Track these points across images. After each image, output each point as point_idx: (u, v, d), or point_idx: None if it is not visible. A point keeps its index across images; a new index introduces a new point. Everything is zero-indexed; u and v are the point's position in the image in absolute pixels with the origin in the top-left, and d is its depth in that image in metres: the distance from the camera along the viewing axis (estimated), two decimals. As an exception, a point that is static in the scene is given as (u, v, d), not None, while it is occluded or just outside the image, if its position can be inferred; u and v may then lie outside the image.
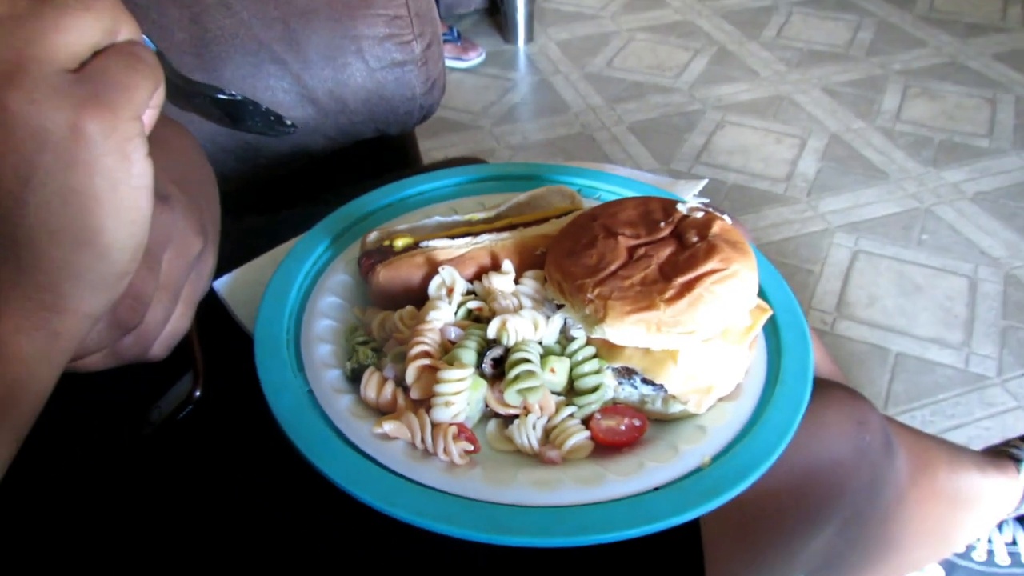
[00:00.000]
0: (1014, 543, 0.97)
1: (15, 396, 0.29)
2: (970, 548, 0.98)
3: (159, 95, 0.32)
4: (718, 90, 2.26)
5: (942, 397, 1.37)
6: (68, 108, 0.28)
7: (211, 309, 0.60)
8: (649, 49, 2.49)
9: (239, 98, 0.37)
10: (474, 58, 2.40)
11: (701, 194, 0.73)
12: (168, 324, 0.39)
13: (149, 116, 0.33)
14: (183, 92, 0.35)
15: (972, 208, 1.78)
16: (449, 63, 2.40)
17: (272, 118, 0.38)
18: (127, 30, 0.31)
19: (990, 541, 0.98)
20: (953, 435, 1.30)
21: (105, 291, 0.31)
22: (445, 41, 2.39)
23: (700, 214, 0.51)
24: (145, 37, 0.34)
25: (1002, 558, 0.97)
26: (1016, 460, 0.91)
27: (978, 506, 0.79)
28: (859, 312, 1.53)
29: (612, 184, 0.68)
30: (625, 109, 2.18)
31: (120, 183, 0.29)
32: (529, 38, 2.53)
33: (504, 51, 2.52)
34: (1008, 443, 0.96)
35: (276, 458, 0.47)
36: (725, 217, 0.52)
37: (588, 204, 0.60)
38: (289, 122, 0.39)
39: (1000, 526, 0.98)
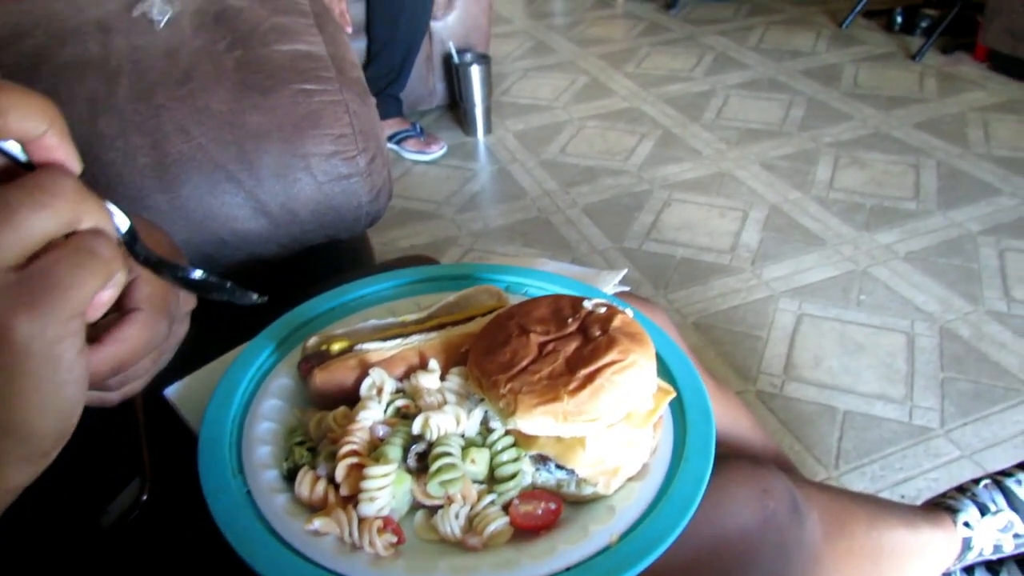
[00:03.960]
0: (961, 595, 0.97)
1: None
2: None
3: (118, 279, 0.31)
4: (664, 170, 2.35)
5: (890, 451, 1.39)
6: (0, 308, 0.27)
7: (162, 415, 0.62)
8: (599, 135, 2.60)
9: (210, 279, 0.39)
10: (436, 151, 2.48)
11: (622, 282, 0.77)
12: (127, 387, 0.40)
13: (107, 295, 0.31)
14: (154, 270, 0.36)
15: (905, 267, 1.84)
16: (413, 156, 2.49)
17: (238, 293, 0.40)
18: (90, 218, 0.30)
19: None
20: (903, 488, 1.32)
21: (28, 467, 0.30)
22: (408, 137, 2.48)
23: (603, 309, 0.55)
24: (116, 213, 0.33)
25: (949, 611, 0.97)
26: (953, 511, 0.93)
27: (909, 561, 0.80)
28: (806, 373, 1.57)
29: (537, 280, 0.72)
30: (579, 192, 2.26)
31: (45, 381, 0.28)
32: (487, 130, 2.62)
33: (465, 143, 2.61)
34: (945, 495, 0.97)
35: (221, 560, 0.49)
36: (627, 310, 0.56)
37: (515, 299, 0.63)
38: (255, 296, 0.41)
39: (946, 578, 0.98)
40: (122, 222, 0.34)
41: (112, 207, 0.33)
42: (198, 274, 0.38)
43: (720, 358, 1.61)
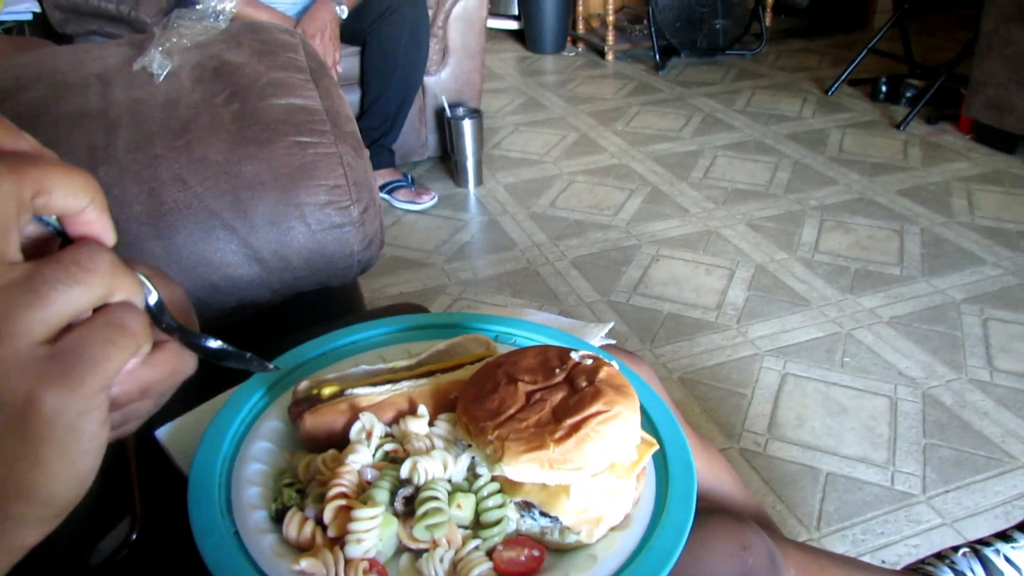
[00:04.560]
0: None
1: None
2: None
3: (144, 351, 0.32)
4: (652, 226, 2.41)
5: (871, 515, 1.41)
6: (30, 381, 0.27)
7: (152, 456, 0.63)
8: (588, 190, 2.66)
9: (228, 349, 0.41)
10: (427, 201, 2.54)
11: (609, 335, 0.80)
12: (125, 427, 0.42)
13: (132, 365, 0.32)
14: (180, 339, 0.38)
15: (889, 332, 1.89)
16: (404, 206, 2.54)
17: (255, 363, 0.43)
18: (122, 292, 0.30)
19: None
20: (883, 553, 1.34)
21: (41, 528, 0.31)
22: (400, 187, 2.54)
23: (590, 361, 0.58)
24: (145, 282, 0.34)
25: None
26: (930, 577, 0.95)
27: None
28: (789, 433, 1.59)
29: (526, 330, 0.74)
30: (567, 245, 2.31)
31: (67, 452, 0.29)
32: (478, 182, 2.69)
33: (455, 194, 2.66)
34: (924, 561, 0.99)
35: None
36: (614, 363, 0.59)
37: (504, 349, 0.66)
38: (271, 365, 0.44)
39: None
40: (151, 294, 0.35)
41: (143, 278, 0.34)
42: (217, 343, 0.40)
43: (705, 414, 1.64)
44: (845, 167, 2.77)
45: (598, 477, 0.54)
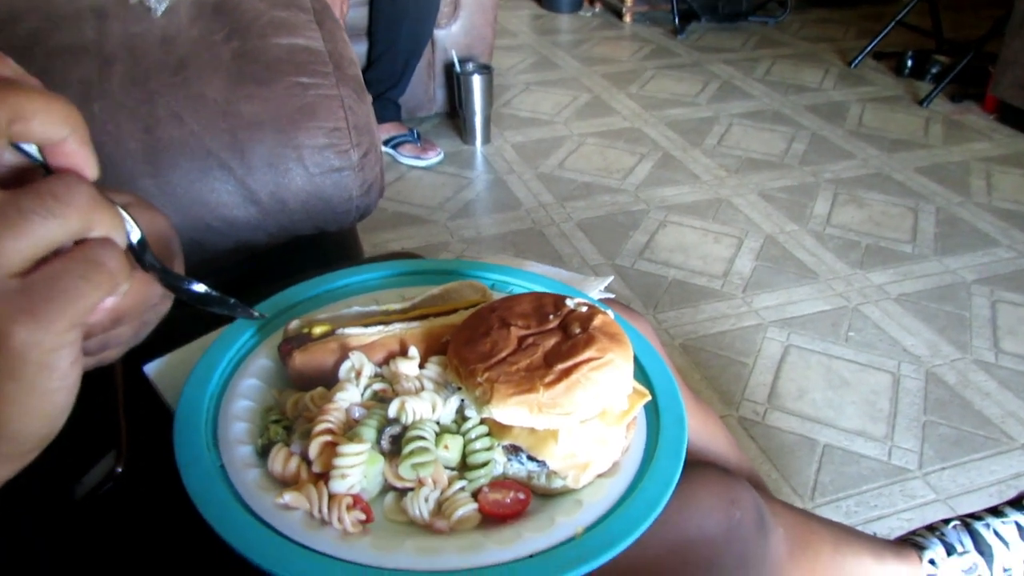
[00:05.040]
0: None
1: None
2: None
3: (123, 290, 0.31)
4: (662, 192, 2.40)
5: (866, 488, 1.42)
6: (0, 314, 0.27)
7: (140, 392, 0.64)
8: (598, 153, 2.64)
9: (212, 294, 0.41)
10: (432, 157, 2.52)
11: (608, 289, 0.80)
12: (105, 354, 0.42)
13: (109, 303, 0.32)
14: (163, 282, 0.37)
15: (896, 308, 1.88)
16: (409, 161, 2.52)
17: (240, 309, 0.43)
18: (101, 227, 0.30)
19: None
20: (875, 526, 1.35)
21: (9, 465, 0.31)
22: (405, 142, 2.52)
23: (585, 309, 0.58)
24: (128, 221, 0.34)
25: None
26: (920, 548, 0.96)
27: (871, 591, 0.83)
28: (789, 404, 1.60)
29: (523, 280, 0.74)
30: (574, 207, 2.30)
31: (37, 388, 0.28)
32: (486, 140, 2.67)
33: (462, 151, 2.65)
34: (914, 532, 1.00)
35: (193, 532, 0.51)
36: (609, 312, 0.59)
37: (500, 297, 0.66)
38: (256, 312, 0.43)
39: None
40: (133, 231, 0.35)
41: (125, 215, 0.34)
42: (201, 288, 0.39)
43: (705, 381, 1.64)
44: (864, 141, 2.74)
45: (587, 424, 0.54)
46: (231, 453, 0.54)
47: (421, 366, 0.59)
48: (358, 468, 0.50)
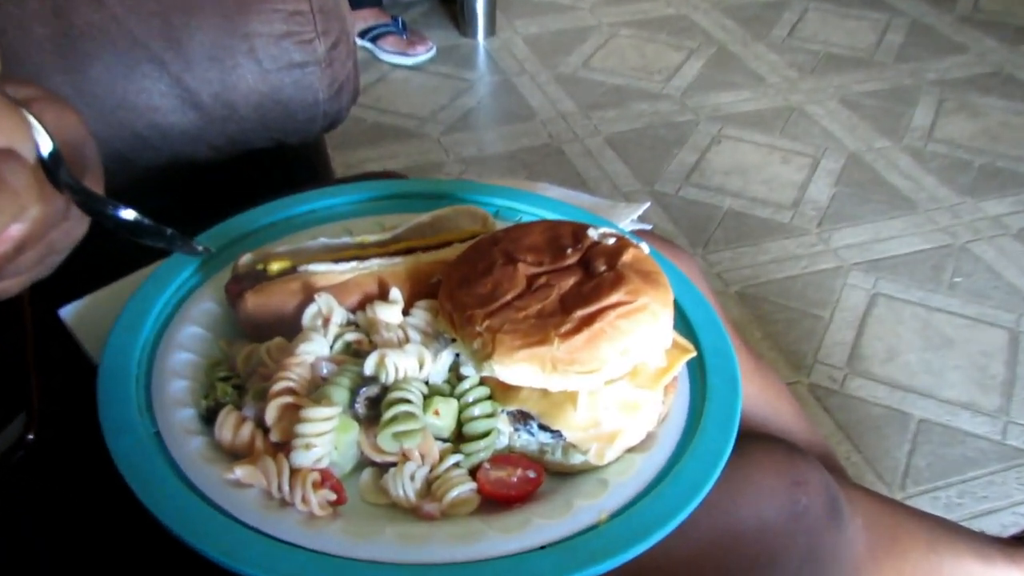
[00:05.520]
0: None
1: None
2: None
3: (32, 214, 0.32)
4: (715, 98, 2.37)
5: (972, 475, 1.43)
6: None
7: (55, 340, 0.65)
8: (634, 48, 2.61)
9: (144, 222, 0.41)
10: (422, 53, 2.50)
11: (643, 219, 0.79)
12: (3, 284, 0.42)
13: (16, 231, 0.33)
14: (82, 205, 0.38)
15: (1016, 247, 1.87)
16: (392, 59, 2.50)
17: (178, 242, 0.43)
18: (2, 135, 0.31)
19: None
20: (984, 521, 1.36)
21: None
22: (387, 33, 2.49)
23: (612, 240, 0.58)
24: (38, 131, 0.35)
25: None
26: (1039, 550, 0.96)
27: (974, 599, 0.84)
28: (875, 368, 1.60)
29: (534, 205, 0.74)
30: (602, 118, 2.28)
31: None
32: (490, 31, 2.63)
33: (459, 46, 2.62)
34: (1032, 529, 1.01)
35: (120, 509, 0.52)
36: (642, 245, 0.59)
37: (504, 226, 0.66)
38: (200, 246, 0.43)
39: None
40: (44, 141, 0.35)
41: (35, 123, 0.34)
42: (131, 214, 0.39)
43: (767, 339, 1.65)
44: (980, 30, 2.69)
45: (614, 385, 0.54)
46: (169, 417, 0.55)
47: (405, 312, 0.59)
48: (327, 437, 0.51)
